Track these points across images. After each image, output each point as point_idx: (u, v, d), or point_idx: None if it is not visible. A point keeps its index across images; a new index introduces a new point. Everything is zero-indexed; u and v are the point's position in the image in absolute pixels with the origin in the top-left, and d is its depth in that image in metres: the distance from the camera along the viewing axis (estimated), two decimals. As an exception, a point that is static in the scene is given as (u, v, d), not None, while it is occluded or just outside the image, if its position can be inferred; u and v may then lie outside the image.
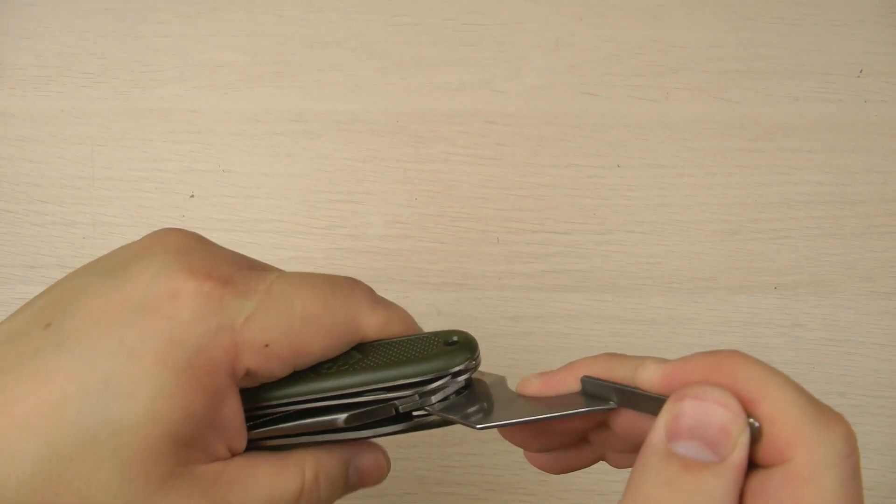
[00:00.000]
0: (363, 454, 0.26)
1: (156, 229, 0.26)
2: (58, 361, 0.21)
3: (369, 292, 0.26)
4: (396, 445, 0.44)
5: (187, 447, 0.22)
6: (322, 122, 0.49)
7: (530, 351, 0.45)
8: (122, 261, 0.24)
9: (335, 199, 0.48)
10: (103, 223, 0.47)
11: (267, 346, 0.22)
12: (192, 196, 0.48)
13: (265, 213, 0.48)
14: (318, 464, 0.24)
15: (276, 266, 0.26)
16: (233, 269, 0.23)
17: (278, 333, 0.23)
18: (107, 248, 0.47)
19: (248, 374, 0.23)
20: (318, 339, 0.23)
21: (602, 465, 0.29)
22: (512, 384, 0.28)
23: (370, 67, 0.50)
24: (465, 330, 0.26)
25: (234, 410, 0.23)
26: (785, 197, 0.48)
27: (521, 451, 0.28)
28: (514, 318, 0.46)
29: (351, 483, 0.26)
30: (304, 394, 0.24)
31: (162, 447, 0.21)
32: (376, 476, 0.27)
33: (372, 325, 0.25)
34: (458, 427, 0.45)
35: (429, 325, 0.46)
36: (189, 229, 0.26)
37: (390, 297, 0.47)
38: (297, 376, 0.24)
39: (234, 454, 0.24)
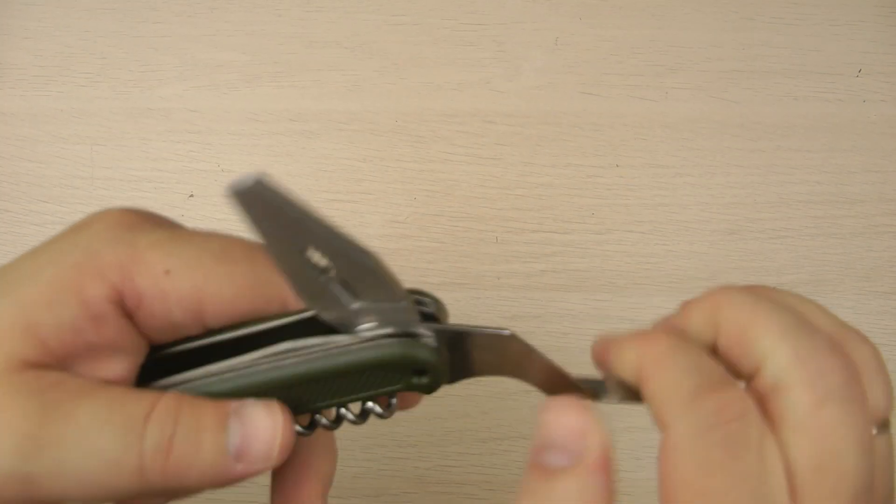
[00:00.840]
0: (254, 410, 0.21)
1: None
2: None
3: None
4: (396, 445, 0.44)
5: (42, 347, 0.20)
6: (321, 122, 0.49)
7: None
8: None
9: (334, 199, 0.48)
10: (103, 223, 0.47)
11: (167, 272, 0.21)
12: (192, 196, 0.48)
13: (264, 213, 0.48)
14: (183, 399, 0.20)
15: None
16: (157, 216, 0.23)
17: (181, 263, 0.21)
18: (106, 247, 0.47)
19: (142, 302, 0.21)
20: (227, 281, 0.21)
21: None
22: (512, 383, 0.28)
23: (369, 67, 0.50)
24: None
25: (116, 334, 0.21)
26: (784, 196, 0.48)
27: (520, 451, 0.28)
28: (513, 317, 0.46)
29: (230, 443, 0.21)
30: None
31: (10, 336, 0.19)
32: (266, 446, 0.21)
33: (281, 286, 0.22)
34: (457, 427, 0.45)
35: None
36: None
37: (390, 296, 0.47)
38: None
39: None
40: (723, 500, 0.18)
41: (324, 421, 0.24)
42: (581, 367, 0.40)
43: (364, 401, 0.23)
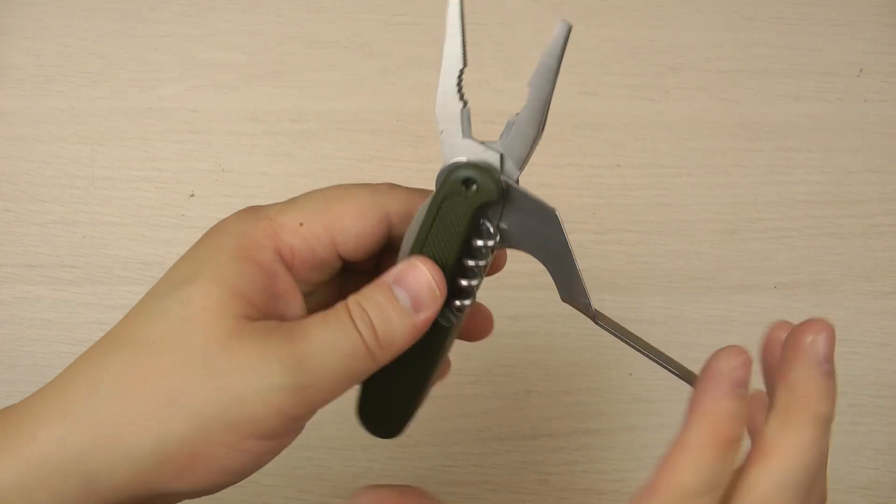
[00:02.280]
0: (405, 273, 0.26)
1: (155, 228, 0.28)
2: (140, 300, 0.25)
3: (390, 183, 0.29)
4: (396, 445, 0.44)
5: (251, 306, 0.24)
6: (321, 122, 0.49)
7: (530, 350, 0.45)
8: None
9: (335, 199, 0.48)
10: (103, 222, 0.47)
11: (301, 224, 0.26)
12: (192, 195, 0.48)
13: (265, 213, 0.48)
14: (357, 294, 0.26)
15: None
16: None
17: (310, 213, 0.26)
18: (106, 247, 0.48)
19: (295, 254, 0.26)
20: (348, 215, 0.26)
21: (601, 464, 0.29)
22: (512, 383, 0.28)
23: (369, 67, 0.50)
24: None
25: (288, 285, 0.26)
26: (784, 196, 0.48)
27: (521, 451, 0.29)
28: (514, 317, 0.46)
29: (405, 303, 0.26)
30: None
31: (228, 301, 0.24)
32: (428, 290, 0.26)
33: (396, 199, 0.27)
34: (457, 427, 0.45)
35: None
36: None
37: (390, 296, 0.47)
38: None
39: None
40: None
41: (463, 283, 0.28)
42: (582, 366, 0.40)
43: (465, 246, 0.27)
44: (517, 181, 0.28)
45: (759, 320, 0.46)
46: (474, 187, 0.27)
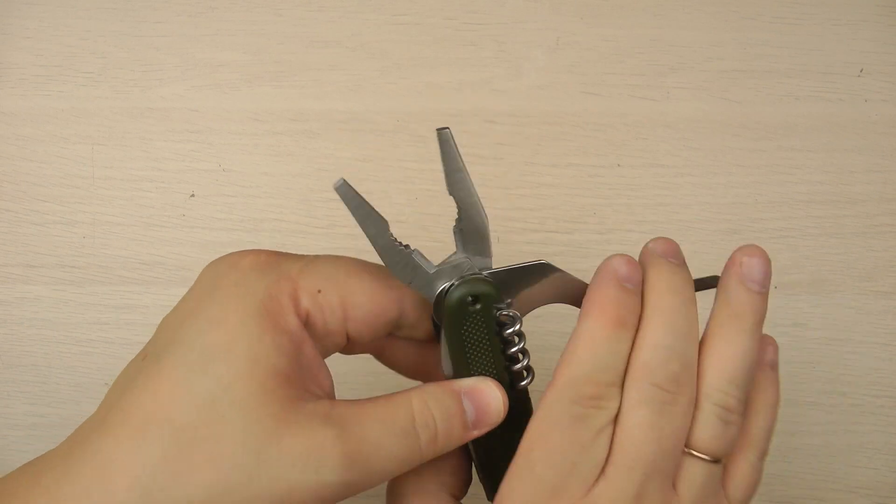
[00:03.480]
0: (478, 388, 0.27)
1: (155, 228, 0.27)
2: (160, 364, 0.23)
3: None
4: (397, 445, 0.44)
5: (290, 383, 0.24)
6: (322, 122, 0.49)
7: (531, 350, 0.45)
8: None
9: (335, 199, 0.47)
10: (103, 222, 0.47)
11: (319, 291, 0.25)
12: (193, 195, 0.48)
13: (265, 213, 0.48)
14: (424, 394, 0.26)
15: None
16: (280, 252, 0.27)
17: (327, 282, 0.26)
18: (107, 247, 0.47)
19: (308, 319, 0.25)
20: (362, 292, 0.26)
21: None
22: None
23: (370, 67, 0.50)
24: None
25: (313, 350, 0.26)
26: (785, 196, 0.48)
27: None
28: (514, 317, 0.46)
29: (469, 418, 0.26)
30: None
31: (271, 385, 0.23)
32: (494, 410, 0.27)
33: (408, 292, 0.27)
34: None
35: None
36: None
37: (391, 296, 0.47)
38: None
39: (328, 397, 0.26)
40: (551, 453, 0.25)
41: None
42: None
43: (500, 342, 0.29)
44: (490, 266, 0.29)
45: (760, 320, 0.46)
46: (474, 301, 0.28)
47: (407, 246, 0.28)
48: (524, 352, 0.29)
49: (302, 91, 0.49)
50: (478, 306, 0.27)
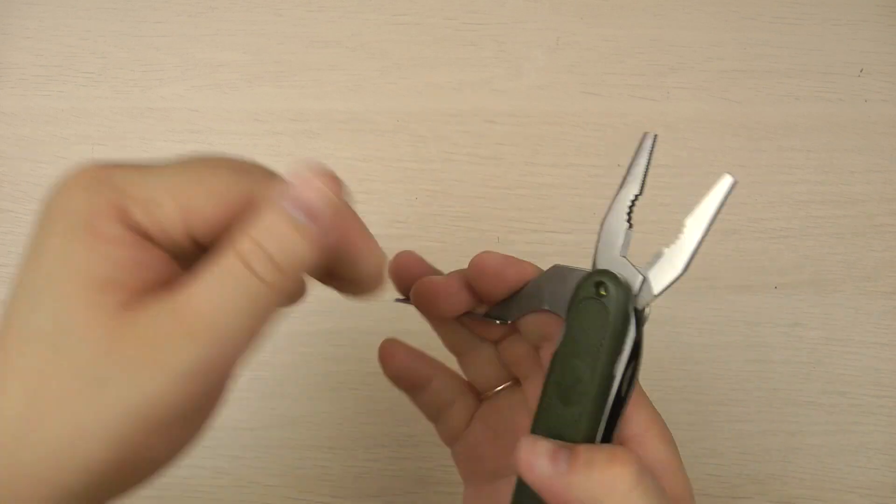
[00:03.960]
0: (286, 190, 0.24)
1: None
2: (6, 312, 0.23)
3: (262, 166, 0.26)
4: (398, 445, 0.44)
5: (120, 288, 0.22)
6: (322, 122, 0.49)
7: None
8: None
9: (335, 199, 0.48)
10: (104, 223, 0.47)
11: (151, 200, 0.23)
12: (193, 195, 0.48)
13: (265, 213, 0.48)
14: (241, 228, 0.23)
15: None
16: (128, 162, 0.25)
17: (162, 190, 0.23)
18: (107, 247, 0.47)
19: (145, 232, 0.23)
20: (203, 196, 0.23)
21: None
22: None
23: (370, 67, 0.50)
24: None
25: (156, 253, 0.23)
26: (785, 196, 0.48)
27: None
28: (514, 317, 0.46)
29: (298, 217, 0.23)
30: None
31: (96, 297, 0.22)
32: (315, 193, 0.23)
33: (264, 187, 0.24)
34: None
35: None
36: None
37: (391, 296, 0.47)
38: None
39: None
40: None
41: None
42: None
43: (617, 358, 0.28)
44: (647, 307, 0.29)
45: (760, 320, 0.46)
46: (598, 288, 0.28)
47: (632, 225, 0.29)
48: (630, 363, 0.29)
49: (302, 91, 0.49)
50: (605, 294, 0.27)
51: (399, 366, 0.32)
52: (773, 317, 0.46)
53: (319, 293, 0.43)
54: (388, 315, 0.46)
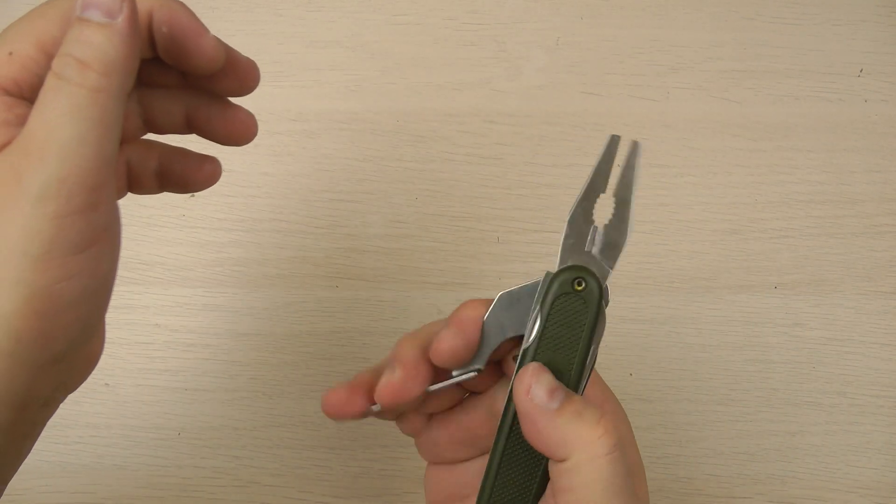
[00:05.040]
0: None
1: (155, 228, 0.26)
2: None
3: None
4: (398, 445, 0.44)
5: None
6: (322, 122, 0.49)
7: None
8: None
9: (335, 199, 0.48)
10: (103, 222, 0.47)
11: (11, 54, 0.24)
12: (192, 195, 0.48)
13: (265, 213, 0.48)
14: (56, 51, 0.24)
15: (272, 260, 0.27)
16: None
17: (16, 39, 0.24)
18: (107, 247, 0.47)
19: (17, 83, 0.24)
20: (52, 26, 0.24)
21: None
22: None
23: (370, 67, 0.50)
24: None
25: (24, 110, 0.24)
26: (785, 196, 0.48)
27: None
28: (514, 317, 0.46)
29: (94, 18, 0.23)
30: None
31: None
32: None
33: None
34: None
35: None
36: None
37: (390, 296, 0.47)
38: None
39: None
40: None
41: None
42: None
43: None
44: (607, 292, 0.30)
45: (760, 320, 0.46)
46: (579, 283, 0.29)
47: (594, 222, 0.30)
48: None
49: (302, 91, 0.49)
50: (581, 288, 0.28)
51: (346, 413, 0.31)
52: (773, 317, 0.46)
53: (319, 293, 0.44)
54: (388, 315, 0.46)
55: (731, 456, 0.44)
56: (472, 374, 0.28)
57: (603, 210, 0.30)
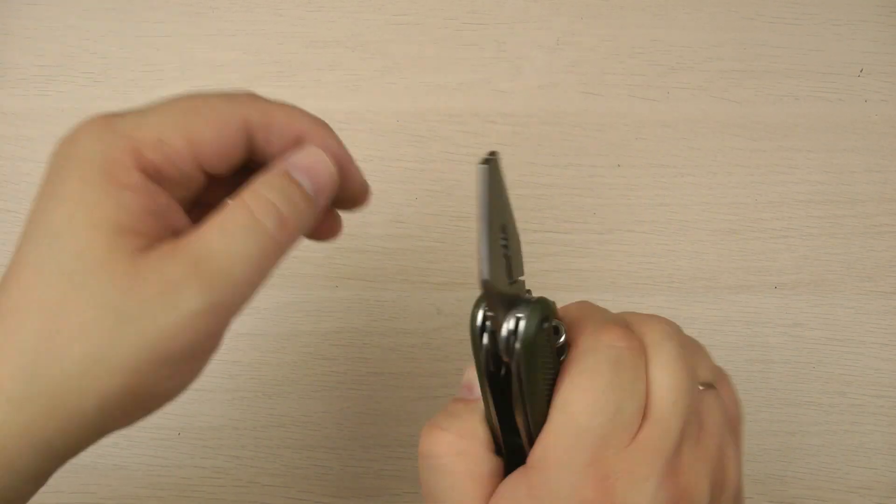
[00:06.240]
0: (297, 156, 0.26)
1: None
2: (19, 254, 0.25)
3: (251, 92, 0.28)
4: (397, 445, 0.44)
5: (138, 236, 0.24)
6: (322, 122, 0.49)
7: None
8: None
9: (335, 199, 0.48)
10: (104, 223, 0.47)
11: (160, 140, 0.25)
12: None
13: (265, 213, 0.48)
14: (254, 186, 0.25)
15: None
16: (119, 112, 0.27)
17: (166, 128, 0.25)
18: (107, 247, 0.47)
19: (159, 171, 0.25)
20: (205, 127, 0.25)
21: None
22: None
23: (370, 67, 0.50)
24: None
25: (166, 199, 0.25)
26: (785, 196, 0.48)
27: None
28: (514, 317, 0.46)
29: (309, 189, 0.26)
30: None
31: (116, 243, 0.23)
32: (323, 168, 0.27)
33: (255, 109, 0.27)
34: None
35: (429, 324, 0.46)
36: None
37: (391, 296, 0.47)
38: None
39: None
40: (595, 400, 0.24)
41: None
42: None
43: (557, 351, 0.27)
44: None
45: (760, 320, 0.46)
46: (545, 324, 0.26)
47: (506, 247, 0.25)
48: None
49: (301, 91, 0.49)
50: (545, 326, 0.26)
51: None
52: (773, 317, 0.46)
53: (319, 294, 0.44)
54: (388, 315, 0.46)
55: (731, 456, 0.44)
56: None
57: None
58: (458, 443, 0.26)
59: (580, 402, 0.24)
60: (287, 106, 0.27)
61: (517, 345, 0.25)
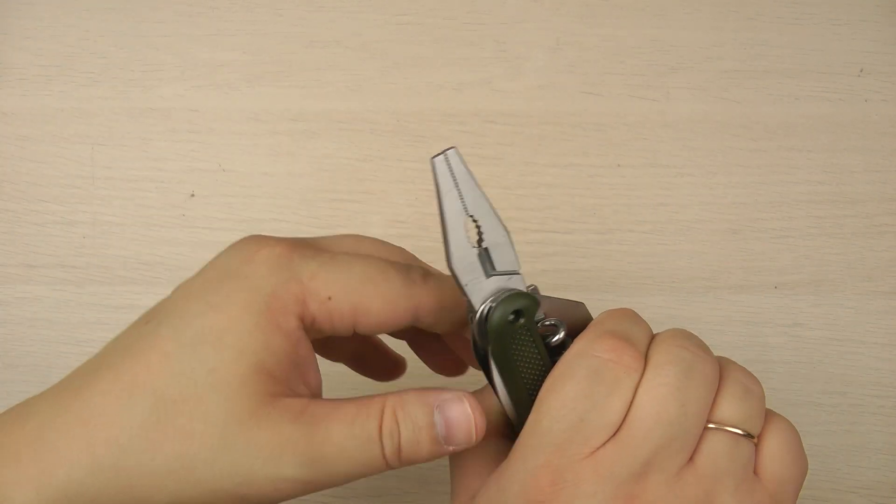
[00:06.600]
0: (450, 404, 0.26)
1: (156, 228, 0.28)
2: (157, 335, 0.25)
3: (423, 268, 0.29)
4: (397, 445, 0.44)
5: (273, 380, 0.25)
6: (322, 122, 0.49)
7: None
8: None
9: (336, 199, 0.48)
10: (103, 222, 0.47)
11: (329, 298, 0.26)
12: (193, 195, 0.48)
13: (265, 213, 0.48)
14: (398, 403, 0.26)
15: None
16: (300, 242, 0.27)
17: (339, 289, 0.26)
18: (107, 247, 0.47)
19: (314, 323, 0.26)
20: (376, 300, 0.26)
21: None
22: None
23: (370, 67, 0.50)
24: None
25: (307, 350, 0.26)
26: (785, 196, 0.48)
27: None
28: (514, 317, 0.46)
29: (440, 433, 0.26)
30: None
31: (252, 378, 0.24)
32: (466, 429, 0.26)
33: (428, 294, 0.27)
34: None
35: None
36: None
37: (391, 296, 0.47)
38: None
39: (313, 395, 0.27)
40: (562, 405, 0.24)
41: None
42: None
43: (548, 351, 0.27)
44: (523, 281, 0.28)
45: (760, 320, 0.46)
46: (517, 317, 0.26)
47: (481, 243, 0.27)
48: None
49: (302, 91, 0.49)
50: (521, 321, 0.26)
51: None
52: (773, 317, 0.46)
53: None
54: (388, 315, 0.46)
55: (732, 456, 0.44)
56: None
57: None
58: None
59: (548, 403, 0.25)
60: (450, 288, 0.27)
61: (487, 331, 0.26)
